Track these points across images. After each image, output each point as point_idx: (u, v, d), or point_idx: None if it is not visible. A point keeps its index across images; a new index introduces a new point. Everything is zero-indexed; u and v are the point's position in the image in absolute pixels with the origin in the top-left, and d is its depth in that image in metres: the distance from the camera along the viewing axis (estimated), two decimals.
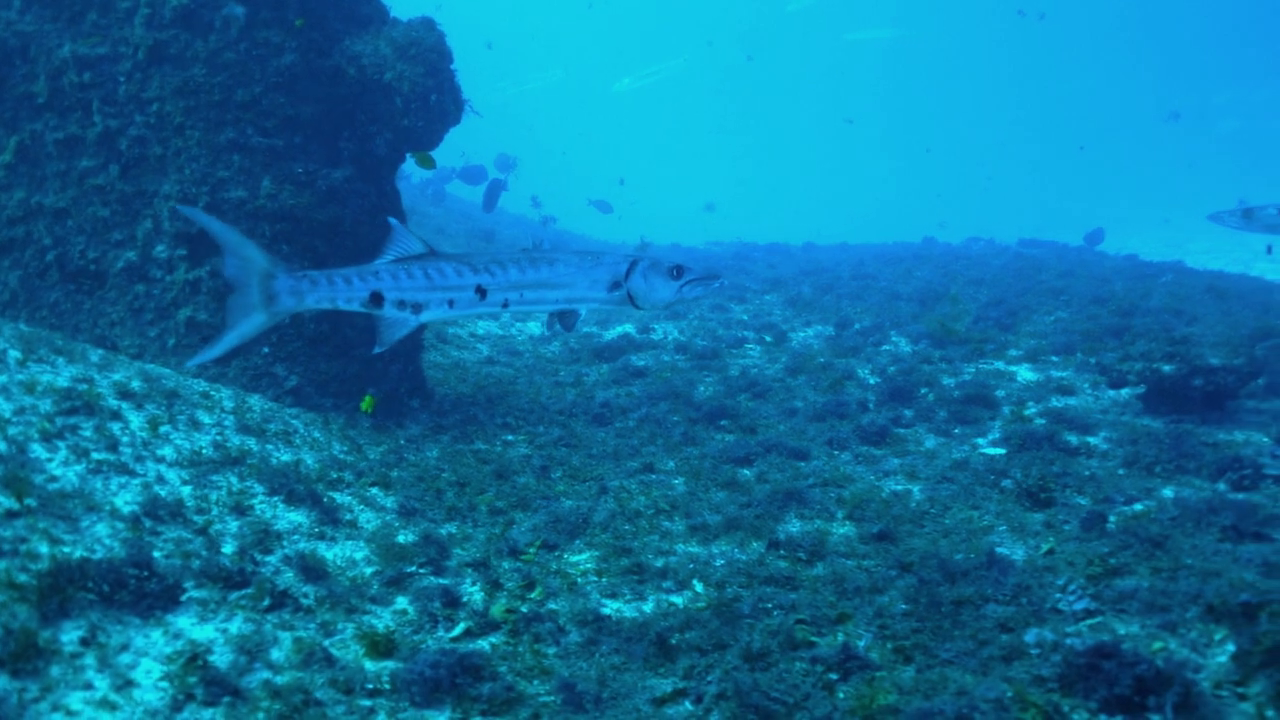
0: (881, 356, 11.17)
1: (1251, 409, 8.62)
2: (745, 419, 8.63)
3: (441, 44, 7.85)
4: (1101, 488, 6.71)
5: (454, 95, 8.11)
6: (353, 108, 7.87)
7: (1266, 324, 11.23)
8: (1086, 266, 18.37)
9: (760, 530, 6.00)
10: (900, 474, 7.21)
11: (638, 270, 5.46)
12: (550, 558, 5.66)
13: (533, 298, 5.41)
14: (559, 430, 8.23)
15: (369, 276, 5.22)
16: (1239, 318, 12.16)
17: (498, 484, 6.82)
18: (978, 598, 5.00)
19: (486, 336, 12.37)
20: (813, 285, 15.85)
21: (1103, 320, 12.22)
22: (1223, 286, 15.04)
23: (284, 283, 5.02)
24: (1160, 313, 12.72)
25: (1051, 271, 17.29)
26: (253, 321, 5.06)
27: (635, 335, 12.55)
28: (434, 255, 5.32)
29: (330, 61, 7.67)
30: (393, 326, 5.28)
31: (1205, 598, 4.90)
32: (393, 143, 8.04)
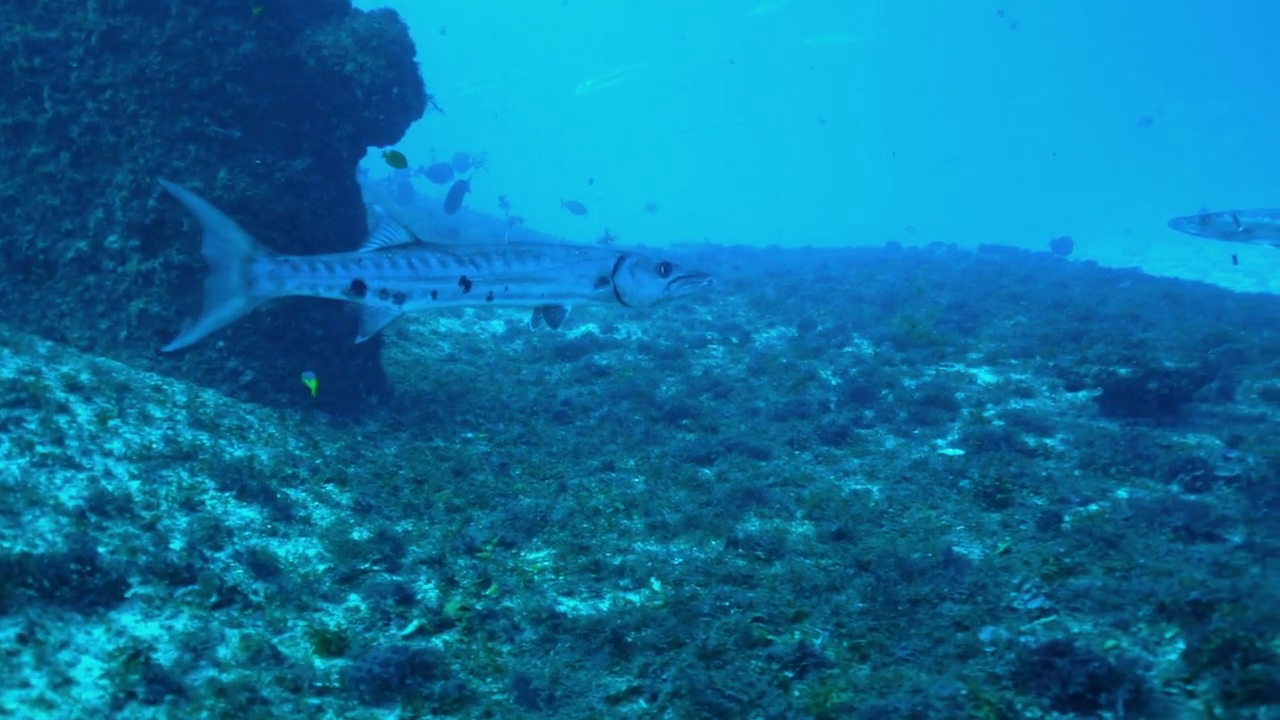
0: (844, 358, 11.21)
1: (1205, 412, 8.75)
2: (707, 418, 8.62)
3: (404, 36, 7.76)
4: (1058, 488, 6.77)
5: (416, 88, 8.02)
6: (313, 99, 7.76)
7: (1219, 329, 11.43)
8: (1046, 272, 18.59)
9: (719, 529, 5.98)
10: (860, 474, 7.23)
11: (625, 266, 5.41)
12: (507, 555, 5.60)
13: (518, 291, 5.34)
14: (519, 428, 8.16)
15: (351, 264, 5.14)
16: (1193, 323, 12.36)
17: (456, 481, 6.75)
18: (934, 596, 5.01)
19: (449, 334, 12.27)
20: (777, 287, 15.89)
21: (1061, 325, 12.35)
22: (1178, 293, 15.28)
23: (264, 266, 4.93)
24: (1117, 318, 12.89)
25: (1012, 277, 17.47)
26: (231, 305, 4.96)
27: (599, 334, 12.51)
28: (419, 245, 5.26)
29: (290, 51, 7.55)
30: (375, 316, 5.20)
31: (1157, 597, 4.95)
32: (354, 135, 7.94)
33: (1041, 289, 15.61)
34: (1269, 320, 12.94)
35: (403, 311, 5.21)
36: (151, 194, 7.25)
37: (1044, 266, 20.38)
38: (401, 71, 7.75)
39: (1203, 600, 4.85)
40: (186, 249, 7.29)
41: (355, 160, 8.28)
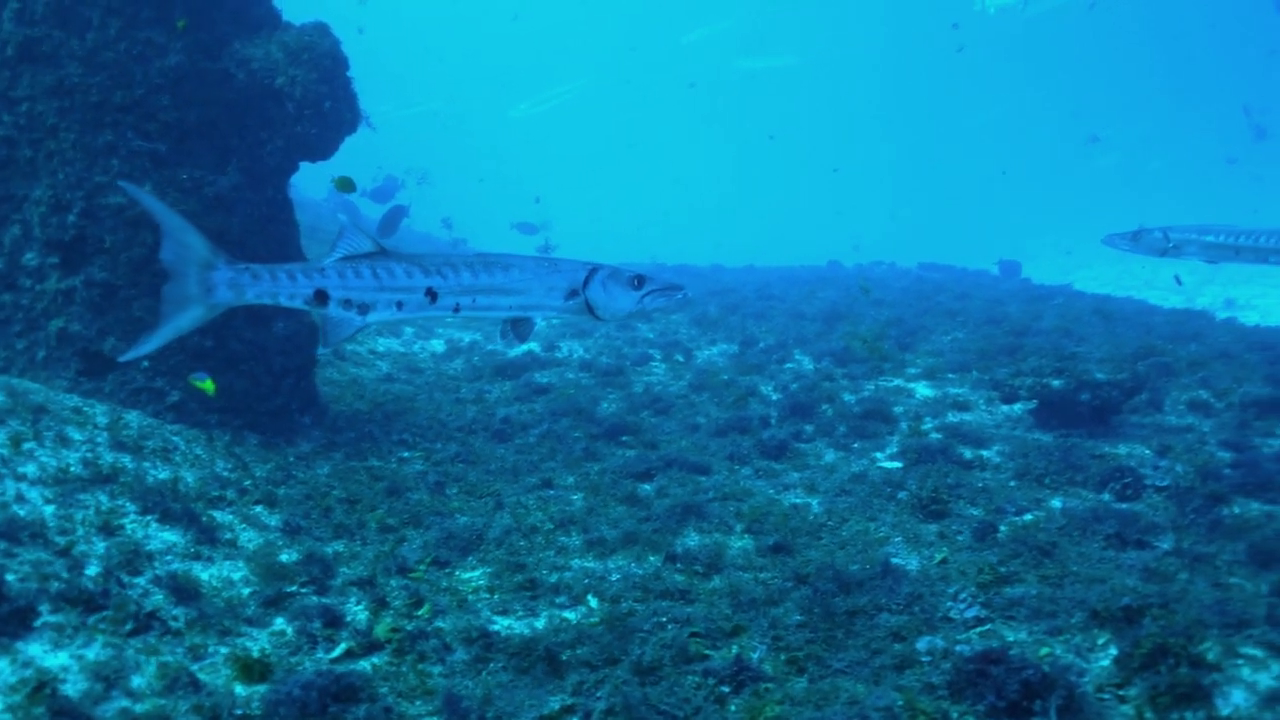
0: (784, 374, 11.25)
1: (1135, 423, 8.92)
2: (647, 434, 8.57)
3: (336, 50, 7.64)
4: (994, 499, 6.83)
5: (350, 102, 7.90)
6: (242, 113, 7.60)
7: (1148, 343, 11.69)
8: (982, 289, 18.92)
9: (658, 544, 5.92)
10: (800, 487, 7.23)
11: (597, 279, 5.33)
12: (441, 575, 5.48)
13: (485, 303, 5.24)
14: (457, 446, 8.03)
15: (314, 273, 5.01)
16: (1123, 338, 12.64)
17: (390, 501, 6.60)
18: (872, 608, 5.00)
19: (387, 354, 12.08)
20: (719, 305, 15.93)
21: (997, 340, 12.54)
22: (1109, 309, 15.64)
23: (223, 274, 4.79)
24: (1051, 333, 13.14)
25: (950, 294, 17.75)
26: (189, 314, 4.81)
27: (540, 353, 12.42)
28: (384, 255, 5.14)
29: (218, 64, 7.40)
30: (338, 326, 5.07)
31: (1089, 604, 4.99)
32: (285, 150, 7.79)
33: (978, 305, 15.87)
34: (1195, 334, 13.29)
35: (367, 323, 5.09)
36: (72, 210, 7.02)
37: (980, 284, 20.76)
38: (334, 86, 7.63)
39: (1134, 606, 4.91)
40: (109, 266, 7.08)
41: (287, 175, 8.12)
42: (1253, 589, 5.25)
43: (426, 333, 13.58)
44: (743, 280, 21.10)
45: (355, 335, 5.34)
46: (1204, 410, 9.26)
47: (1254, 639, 4.67)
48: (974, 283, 20.95)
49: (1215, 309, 16.07)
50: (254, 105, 7.59)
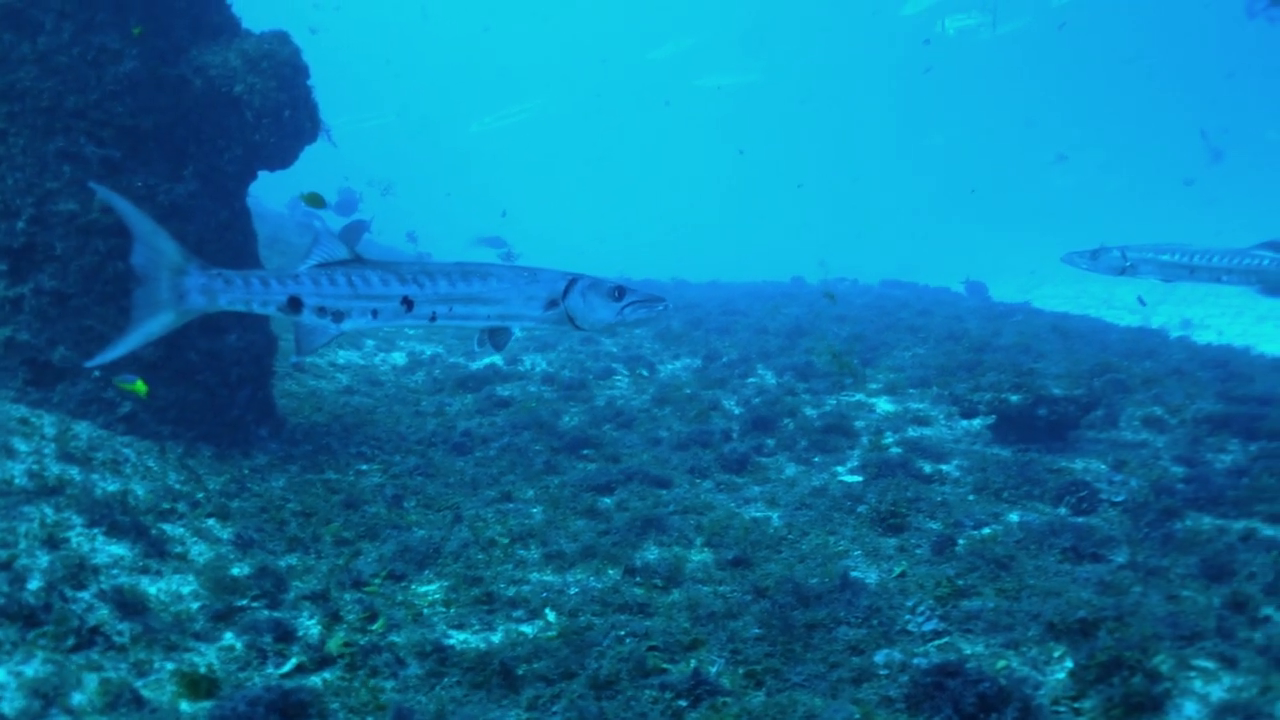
0: (747, 388, 11.27)
1: (1091, 439, 9.03)
2: (609, 448, 8.52)
3: (296, 58, 7.56)
4: (952, 513, 6.86)
5: (310, 112, 7.82)
6: (200, 120, 7.49)
7: (1105, 360, 11.86)
8: (943, 306, 19.10)
9: (617, 557, 5.88)
10: (760, 501, 7.22)
11: (576, 289, 5.28)
12: (396, 588, 5.40)
13: (463, 312, 5.18)
14: (416, 459, 7.94)
15: (289, 280, 4.93)
16: (1080, 354, 12.80)
17: (346, 514, 6.50)
18: (830, 621, 4.99)
19: (347, 366, 11.94)
20: (683, 320, 15.95)
21: (957, 356, 12.65)
22: (1067, 326, 15.85)
23: (196, 280, 4.70)
24: (1010, 349, 13.27)
25: (911, 310, 17.89)
26: (159, 320, 4.72)
27: (502, 366, 12.34)
28: (360, 262, 5.07)
29: (176, 71, 7.29)
30: (312, 334, 5.00)
31: (1046, 616, 5.03)
32: (243, 158, 7.69)
33: (939, 322, 16.01)
34: (1150, 352, 13.50)
35: (341, 330, 5.02)
36: (21, 216, 6.87)
37: (941, 301, 20.96)
38: (294, 94, 7.54)
39: (1089, 619, 4.95)
40: (59, 274, 6.93)
41: (245, 184, 8.01)
42: (1205, 602, 5.31)
43: (388, 345, 13.45)
44: (707, 296, 21.14)
45: (330, 343, 5.28)
46: (1158, 426, 9.39)
47: (1206, 651, 4.73)
48: (935, 299, 21.15)
49: (1171, 328, 16.32)
50: (212, 113, 7.49)
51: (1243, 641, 4.81)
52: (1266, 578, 5.49)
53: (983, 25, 19.90)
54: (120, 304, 7.09)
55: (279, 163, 7.98)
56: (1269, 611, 5.18)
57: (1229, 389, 10.61)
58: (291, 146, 7.90)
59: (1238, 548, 6.10)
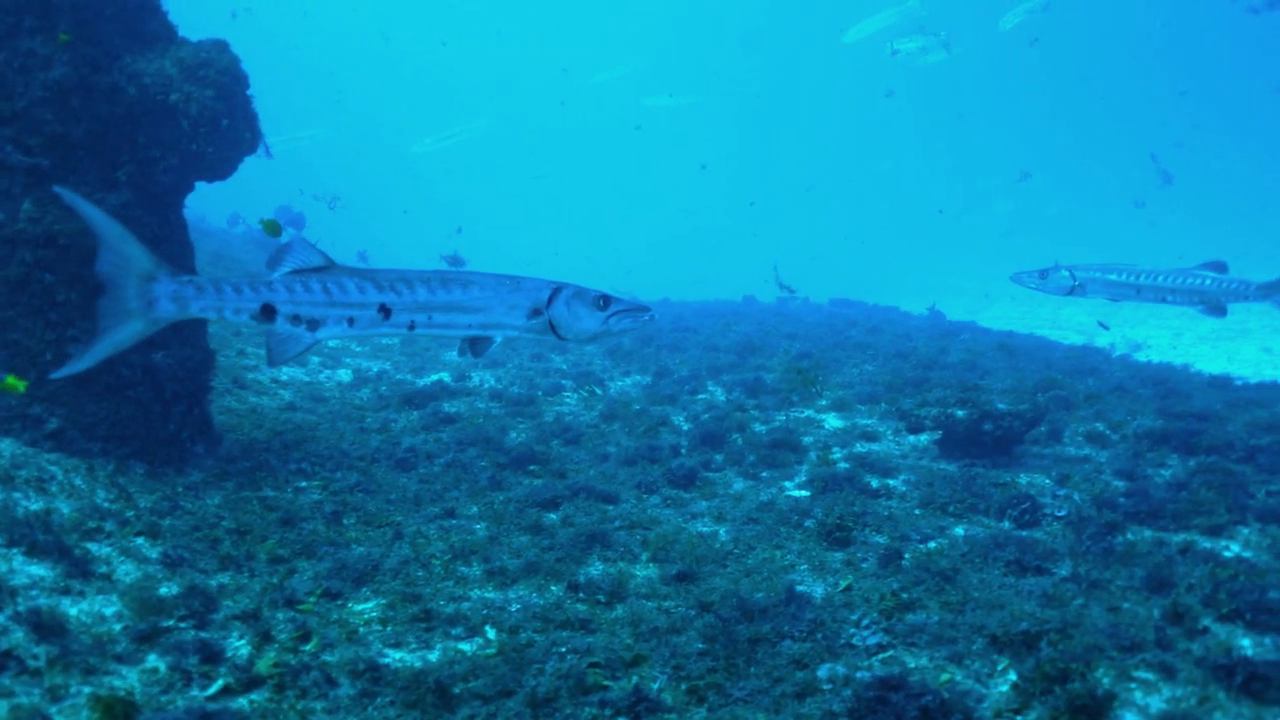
0: (697, 404, 11.24)
1: (1036, 454, 9.11)
2: (555, 464, 8.42)
3: (235, 67, 7.42)
4: (899, 527, 6.86)
5: (249, 121, 7.67)
6: (134, 129, 7.30)
7: (1049, 377, 12.01)
8: (892, 324, 19.28)
9: (561, 573, 5.78)
10: (708, 516, 7.16)
11: (561, 298, 5.18)
12: (332, 607, 5.24)
13: (442, 321, 5.05)
14: (358, 476, 7.77)
15: (262, 287, 4.80)
16: (1025, 371, 12.97)
17: (283, 531, 6.33)
18: (775, 635, 4.93)
19: (290, 383, 11.71)
20: (633, 336, 15.90)
21: (905, 373, 12.75)
22: (1012, 344, 16.05)
23: (166, 287, 4.55)
24: (957, 366, 13.41)
25: (860, 328, 18.03)
26: (127, 329, 4.55)
27: (450, 382, 12.19)
28: (335, 269, 4.95)
29: (108, 78, 7.10)
30: (285, 342, 4.86)
31: (989, 629, 5.02)
32: (179, 169, 7.50)
33: (887, 340, 16.14)
34: (1092, 369, 13.71)
35: (316, 339, 4.88)
36: None
37: (890, 319, 21.16)
38: (232, 104, 7.40)
39: (1032, 631, 4.95)
40: None
41: (182, 195, 7.82)
42: (1145, 613, 5.34)
43: (334, 361, 13.23)
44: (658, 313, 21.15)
45: (305, 353, 5.15)
46: (1100, 441, 9.51)
47: (1146, 662, 4.74)
48: (884, 318, 21.35)
49: (1118, 348, 16.56)
50: (146, 122, 7.31)
51: (1182, 652, 4.84)
52: (1204, 589, 5.54)
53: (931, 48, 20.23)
54: (47, 317, 6.88)
55: (218, 173, 7.81)
56: (1207, 622, 5.22)
57: (1168, 406, 10.80)
58: (230, 157, 7.74)
59: (1177, 560, 6.17)
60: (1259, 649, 4.92)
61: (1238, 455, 8.49)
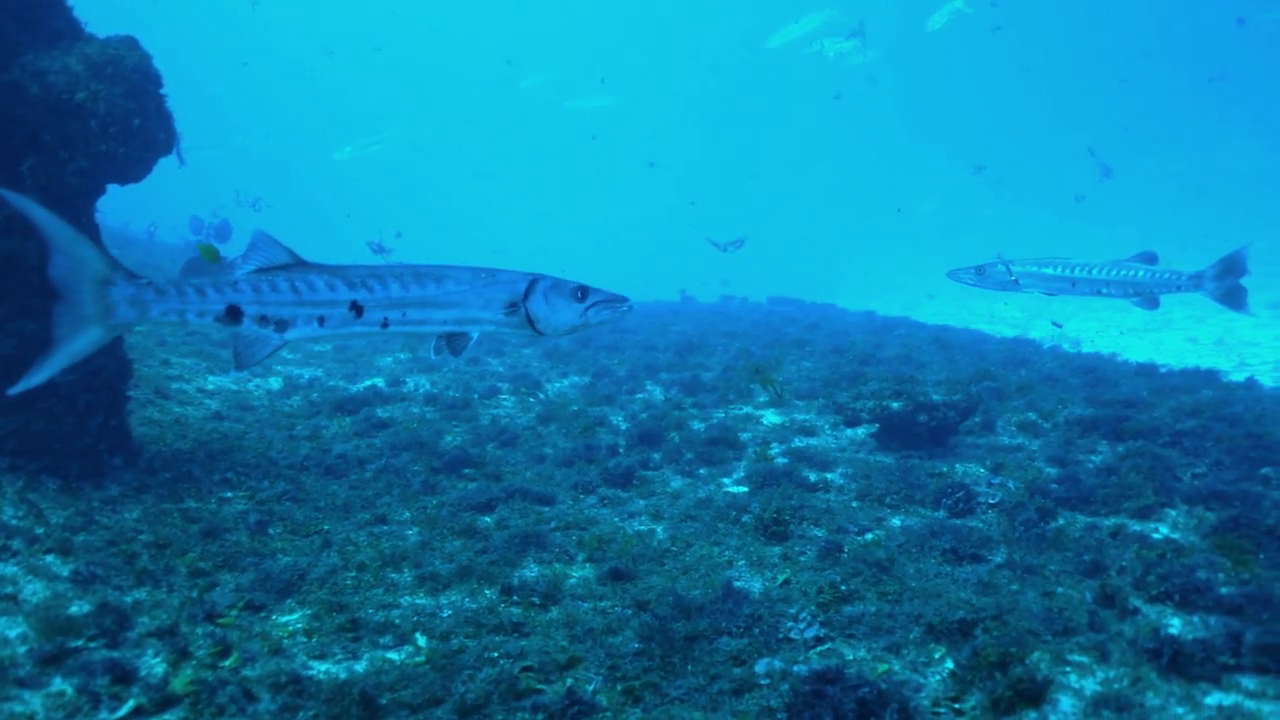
0: (635, 404, 11.15)
1: (970, 444, 9.19)
2: (491, 466, 8.27)
3: (146, 65, 7.14)
4: (836, 519, 6.85)
5: (163, 122, 7.40)
6: (38, 129, 6.99)
7: (982, 368, 12.16)
8: (829, 321, 19.43)
9: (494, 577, 5.64)
10: (645, 515, 7.08)
11: (538, 290, 5.02)
12: (255, 620, 5.04)
13: (417, 317, 4.87)
14: (285, 484, 7.54)
15: (226, 288, 4.56)
16: (960, 363, 13.13)
17: (204, 544, 6.09)
18: (712, 631, 4.86)
19: (217, 392, 11.37)
20: (571, 338, 15.78)
21: (842, 368, 12.82)
22: (947, 338, 16.27)
23: (124, 290, 4.31)
24: (893, 360, 13.52)
25: (799, 325, 18.13)
26: (86, 337, 4.29)
27: (384, 388, 11.95)
28: (303, 266, 4.73)
29: (9, 76, 6.79)
30: (252, 345, 4.63)
31: (926, 618, 5.00)
32: (89, 170, 7.20)
33: (824, 336, 16.24)
34: (1024, 360, 13.94)
35: (285, 340, 4.66)
36: None
37: (828, 316, 21.33)
38: (144, 102, 7.12)
39: (968, 619, 4.95)
40: None
41: (93, 197, 7.51)
42: (1078, 597, 5.38)
43: (264, 369, 12.88)
44: None
45: (273, 355, 4.96)
46: (1032, 430, 9.63)
47: (1080, 645, 4.76)
48: (822, 315, 21.51)
49: (1065, 344, 16.80)
50: (52, 121, 7.00)
51: (1114, 634, 4.87)
52: (1135, 572, 5.60)
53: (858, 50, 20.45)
54: None
55: (130, 176, 7.51)
56: (1138, 604, 5.27)
57: (1097, 394, 11.00)
58: (144, 158, 7.45)
59: (1108, 543, 6.24)
60: (1188, 627, 4.98)
61: (1164, 440, 8.65)
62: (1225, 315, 19.88)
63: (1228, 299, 8.77)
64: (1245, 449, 8.14)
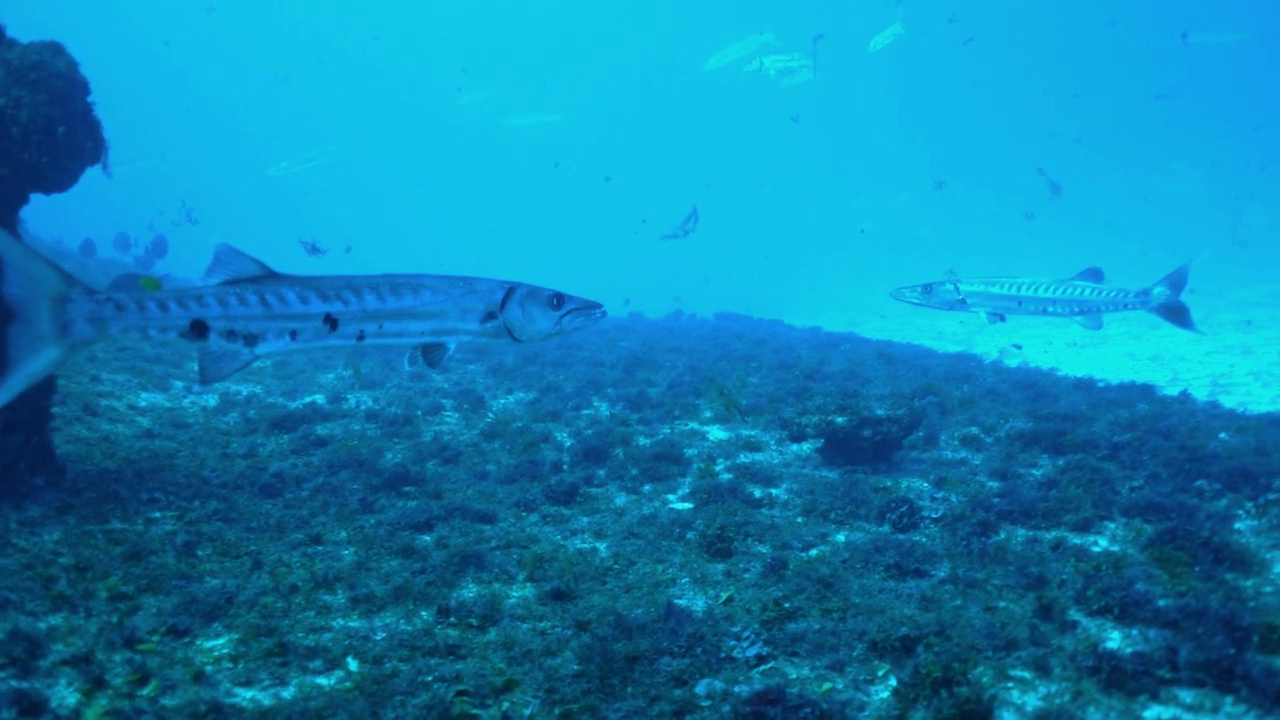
0: (581, 420, 11.04)
1: (914, 458, 9.22)
2: (432, 484, 8.10)
3: (73, 71, 6.92)
4: (781, 535, 6.80)
5: (91, 130, 7.17)
6: None
7: (926, 383, 12.26)
8: (776, 336, 19.50)
9: (431, 597, 5.49)
10: (588, 532, 6.97)
11: (514, 299, 4.93)
12: (177, 645, 4.84)
13: (393, 329, 4.74)
14: (217, 504, 7.31)
15: (190, 301, 4.35)
16: (903, 378, 13.22)
17: (128, 566, 5.85)
18: (653, 652, 4.76)
19: (150, 409, 11.04)
20: (517, 354, 15.62)
21: (788, 383, 12.84)
22: (891, 353, 16.41)
23: (82, 307, 4.08)
24: (838, 376, 13.58)
25: (745, 340, 18.17)
26: (43, 357, 4.05)
27: (324, 405, 11.70)
28: (274, 278, 4.54)
29: None
30: (220, 360, 4.43)
31: (869, 635, 4.96)
32: (10, 179, 6.92)
33: (771, 352, 16.28)
34: (967, 375, 14.08)
35: (255, 355, 4.47)
36: None
37: (775, 331, 21.43)
38: (69, 110, 6.90)
39: (911, 635, 4.90)
40: None
41: (15, 207, 7.24)
42: (1020, 611, 5.37)
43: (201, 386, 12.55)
44: None
45: (244, 369, 4.79)
46: (975, 444, 9.70)
47: (1022, 661, 4.75)
48: (769, 331, 21.60)
49: (1011, 359, 17.00)
50: None
51: (1056, 649, 4.87)
52: (1075, 585, 5.62)
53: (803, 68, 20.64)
54: None
55: (55, 185, 7.26)
56: (1078, 617, 5.29)
57: (1037, 408, 11.13)
58: (70, 168, 7.22)
59: (1049, 557, 6.26)
60: (1127, 641, 5.00)
61: (1102, 453, 8.75)
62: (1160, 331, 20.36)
63: (1173, 316, 8.91)
64: (1180, 461, 8.27)
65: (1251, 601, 5.36)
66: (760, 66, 20.31)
